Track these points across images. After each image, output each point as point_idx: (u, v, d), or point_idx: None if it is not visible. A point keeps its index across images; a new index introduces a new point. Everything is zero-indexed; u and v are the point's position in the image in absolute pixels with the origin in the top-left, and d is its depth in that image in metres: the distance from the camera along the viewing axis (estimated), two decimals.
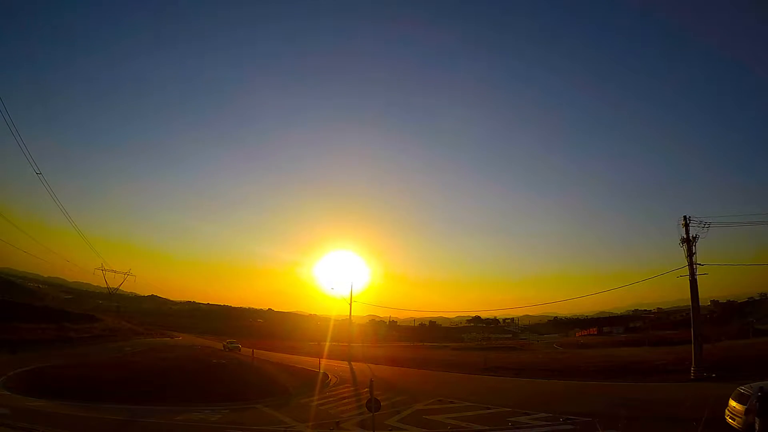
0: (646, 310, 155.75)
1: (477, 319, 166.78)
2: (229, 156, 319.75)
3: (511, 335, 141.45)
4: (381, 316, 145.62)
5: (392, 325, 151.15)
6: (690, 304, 29.08)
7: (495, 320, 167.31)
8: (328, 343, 58.40)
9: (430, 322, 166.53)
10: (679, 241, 27.71)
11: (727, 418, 13.70)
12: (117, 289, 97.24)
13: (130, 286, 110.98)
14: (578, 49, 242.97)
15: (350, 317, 55.98)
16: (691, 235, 27.36)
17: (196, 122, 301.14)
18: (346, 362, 44.87)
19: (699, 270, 27.60)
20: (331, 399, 24.51)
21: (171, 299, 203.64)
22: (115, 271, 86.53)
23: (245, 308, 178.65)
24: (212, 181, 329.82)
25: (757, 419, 12.38)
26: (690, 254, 27.42)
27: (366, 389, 16.63)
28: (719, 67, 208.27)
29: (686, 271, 27.76)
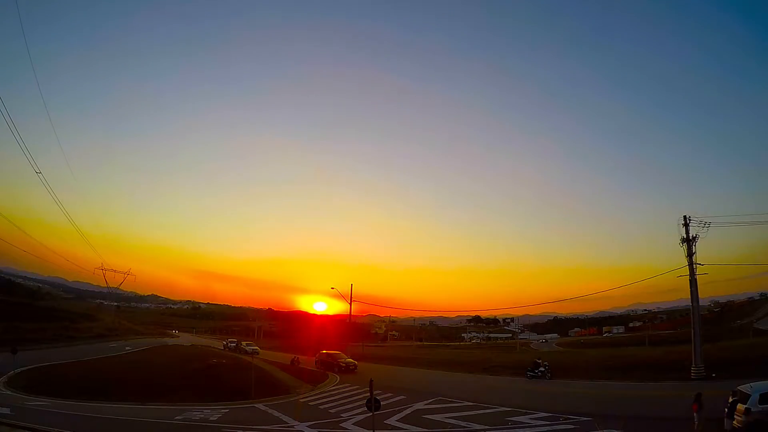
0: (646, 310, 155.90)
1: (477, 318, 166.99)
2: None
3: (510, 335, 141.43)
4: (381, 315, 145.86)
5: (392, 324, 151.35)
6: (690, 303, 29.10)
7: (495, 320, 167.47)
8: (327, 343, 58.47)
9: (430, 321, 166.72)
10: (679, 241, 27.69)
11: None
12: (117, 288, 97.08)
13: (130, 286, 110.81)
14: (576, 38, 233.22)
15: (350, 317, 56.21)
16: (691, 234, 27.33)
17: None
18: None
19: (699, 270, 27.57)
20: (330, 398, 24.54)
21: (171, 299, 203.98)
22: (115, 271, 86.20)
23: (245, 308, 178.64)
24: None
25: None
26: (690, 254, 27.38)
27: (366, 388, 16.64)
28: (721, 60, 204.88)
29: (686, 270, 27.73)
